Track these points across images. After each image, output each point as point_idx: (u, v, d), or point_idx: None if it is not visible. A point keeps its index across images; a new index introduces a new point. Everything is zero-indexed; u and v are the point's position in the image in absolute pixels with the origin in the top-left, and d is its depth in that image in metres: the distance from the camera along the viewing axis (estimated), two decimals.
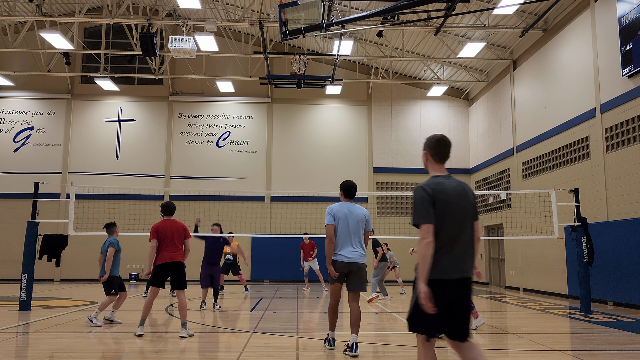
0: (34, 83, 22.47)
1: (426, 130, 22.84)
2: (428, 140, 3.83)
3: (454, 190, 3.65)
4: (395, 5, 9.25)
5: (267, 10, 18.36)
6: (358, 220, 6.47)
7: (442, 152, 3.79)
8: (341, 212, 6.45)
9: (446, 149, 3.79)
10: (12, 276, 19.79)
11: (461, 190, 3.69)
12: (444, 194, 3.60)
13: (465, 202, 3.67)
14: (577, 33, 14.39)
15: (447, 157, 3.81)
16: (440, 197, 3.58)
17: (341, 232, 6.36)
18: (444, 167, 3.81)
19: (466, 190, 3.72)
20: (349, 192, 6.68)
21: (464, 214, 3.64)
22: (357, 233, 6.41)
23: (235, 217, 19.89)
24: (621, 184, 12.37)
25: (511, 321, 10.08)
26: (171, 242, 7.77)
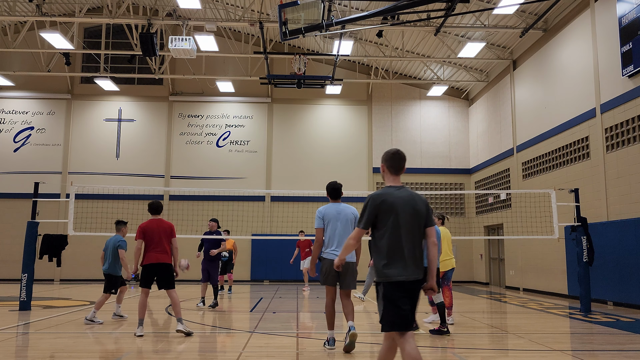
0: (34, 83, 22.47)
1: (426, 130, 22.85)
2: (385, 154, 4.24)
3: (403, 200, 4.02)
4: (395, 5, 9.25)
5: (267, 10, 18.36)
6: (347, 220, 6.61)
7: (396, 165, 4.18)
8: (330, 213, 6.60)
9: (400, 162, 4.19)
10: (12, 276, 19.79)
11: (411, 199, 4.04)
12: (391, 203, 3.99)
13: (413, 210, 4.02)
14: (577, 33, 14.40)
15: (401, 169, 4.19)
16: (385, 206, 3.99)
17: (332, 233, 6.53)
18: (398, 178, 4.20)
19: (416, 200, 4.06)
20: (334, 193, 6.77)
21: (412, 222, 4.00)
22: (348, 233, 6.49)
23: (235, 217, 19.89)
24: (621, 184, 12.37)
25: (511, 321, 10.08)
26: (158, 243, 7.67)
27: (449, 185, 22.60)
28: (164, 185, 21.94)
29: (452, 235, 9.56)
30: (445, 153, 22.78)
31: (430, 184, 22.47)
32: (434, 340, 7.42)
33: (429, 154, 22.73)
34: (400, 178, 4.20)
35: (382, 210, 3.99)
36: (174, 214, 21.03)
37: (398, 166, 4.19)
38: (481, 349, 6.94)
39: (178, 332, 7.52)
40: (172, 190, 21.29)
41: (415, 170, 22.51)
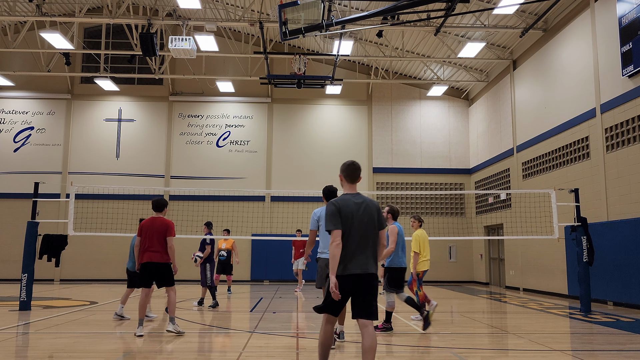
0: (34, 83, 22.47)
1: (426, 130, 22.85)
2: (342, 165, 4.76)
3: (358, 206, 4.58)
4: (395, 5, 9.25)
5: (267, 10, 18.36)
6: None
7: (352, 174, 4.75)
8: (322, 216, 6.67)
9: (355, 172, 4.76)
10: (12, 276, 19.79)
11: (365, 205, 4.61)
12: (348, 209, 4.55)
13: (367, 215, 4.58)
14: (577, 33, 14.40)
15: (356, 178, 4.76)
16: (345, 211, 4.53)
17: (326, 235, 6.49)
18: (354, 186, 4.77)
19: (369, 205, 4.63)
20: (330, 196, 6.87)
21: (366, 225, 4.56)
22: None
23: (235, 217, 19.87)
24: (621, 184, 12.37)
25: (511, 321, 10.08)
26: (150, 241, 7.63)
27: (449, 185, 22.60)
28: (164, 185, 21.94)
29: (452, 235, 9.65)
30: (445, 153, 22.78)
31: (430, 184, 22.47)
32: (434, 341, 7.43)
33: (429, 154, 22.73)
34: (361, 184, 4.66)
35: (343, 214, 4.52)
36: (174, 214, 21.00)
37: (353, 175, 4.75)
38: (481, 349, 6.94)
39: (168, 332, 7.55)
40: (172, 190, 21.30)
41: (415, 170, 22.51)
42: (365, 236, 4.55)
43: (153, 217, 7.87)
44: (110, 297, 14.14)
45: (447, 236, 20.76)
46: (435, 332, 8.16)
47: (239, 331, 8.38)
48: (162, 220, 7.80)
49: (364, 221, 4.56)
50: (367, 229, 4.57)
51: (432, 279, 21.49)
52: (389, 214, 8.63)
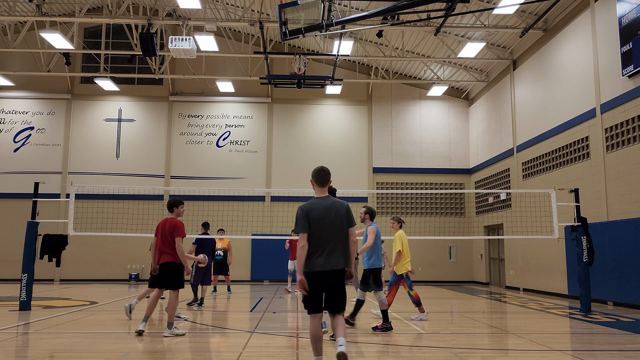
0: (34, 83, 22.47)
1: (426, 130, 22.85)
2: (313, 170, 5.26)
3: (326, 208, 5.03)
4: (395, 5, 9.25)
5: (267, 10, 18.36)
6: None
7: (321, 179, 5.20)
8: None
9: (325, 177, 5.21)
10: (12, 276, 19.79)
11: (333, 207, 5.06)
12: (317, 211, 5.00)
13: (335, 215, 5.03)
14: (577, 33, 14.40)
15: (325, 182, 5.20)
16: (313, 214, 4.98)
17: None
18: (324, 189, 5.21)
19: (337, 207, 5.09)
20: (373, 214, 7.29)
21: (334, 225, 5.01)
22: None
23: (235, 217, 19.87)
24: (621, 184, 12.37)
25: (511, 321, 10.08)
26: (161, 242, 7.74)
27: (449, 185, 22.60)
28: (164, 185, 21.94)
29: (452, 235, 9.71)
30: (445, 153, 22.78)
31: (430, 184, 22.47)
32: (434, 341, 7.43)
33: (429, 154, 22.73)
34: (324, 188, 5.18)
35: (312, 217, 4.97)
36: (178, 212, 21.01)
37: (323, 180, 5.20)
38: (481, 349, 6.94)
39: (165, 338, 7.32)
40: (172, 190, 21.30)
41: (415, 170, 22.52)
42: (336, 236, 4.99)
43: (166, 217, 7.98)
44: (110, 297, 14.14)
45: (447, 236, 20.77)
46: (435, 332, 8.17)
47: (239, 331, 8.38)
48: (172, 221, 7.85)
49: (334, 222, 5.00)
50: (337, 229, 5.01)
51: (432, 279, 21.50)
52: (366, 214, 8.73)
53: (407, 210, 22.35)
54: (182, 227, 7.82)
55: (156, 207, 20.64)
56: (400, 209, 22.39)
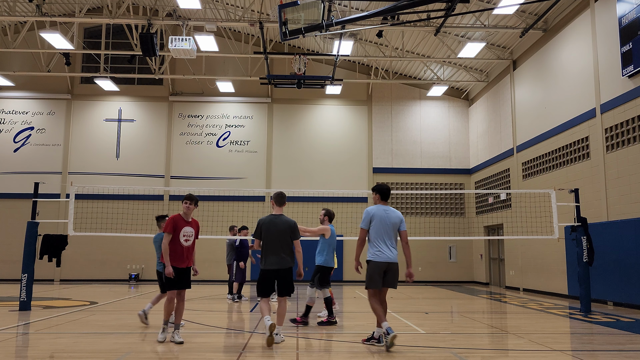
0: (34, 83, 22.47)
1: (426, 131, 22.85)
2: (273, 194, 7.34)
3: (275, 224, 7.05)
4: (395, 5, 9.24)
5: (267, 10, 18.36)
6: (394, 223, 6.83)
7: (279, 200, 7.32)
8: (379, 214, 6.79)
9: (281, 199, 7.32)
10: (12, 276, 19.79)
11: (281, 222, 7.07)
12: (268, 225, 7.05)
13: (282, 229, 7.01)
14: (577, 33, 14.40)
15: (282, 203, 7.31)
16: (265, 227, 7.05)
17: (379, 233, 6.73)
18: (280, 209, 7.26)
19: (285, 223, 7.08)
20: (384, 194, 7.00)
21: (280, 236, 6.99)
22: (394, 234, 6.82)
23: (235, 217, 19.85)
24: (621, 184, 12.38)
25: (511, 321, 10.08)
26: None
27: (449, 185, 22.60)
28: (164, 185, 21.94)
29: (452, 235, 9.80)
30: (445, 153, 22.78)
31: (430, 184, 22.47)
32: (434, 341, 7.43)
33: (429, 154, 22.73)
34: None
35: (264, 229, 7.03)
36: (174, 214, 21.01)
37: (279, 201, 7.29)
38: (481, 349, 6.94)
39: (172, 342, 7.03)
40: (172, 190, 21.31)
41: (415, 170, 22.52)
42: (280, 244, 6.95)
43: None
44: (111, 297, 14.14)
45: (447, 236, 20.77)
46: (435, 332, 8.17)
47: (239, 331, 8.38)
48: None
49: (280, 232, 6.96)
50: (282, 239, 6.96)
51: (432, 279, 21.50)
52: (325, 215, 9.41)
53: (407, 210, 22.35)
54: (169, 221, 7.33)
55: (156, 207, 20.62)
56: (400, 209, 22.39)
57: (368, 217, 6.79)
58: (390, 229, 6.76)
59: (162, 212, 20.97)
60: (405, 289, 17.38)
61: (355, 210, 20.19)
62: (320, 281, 8.95)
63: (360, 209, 21.00)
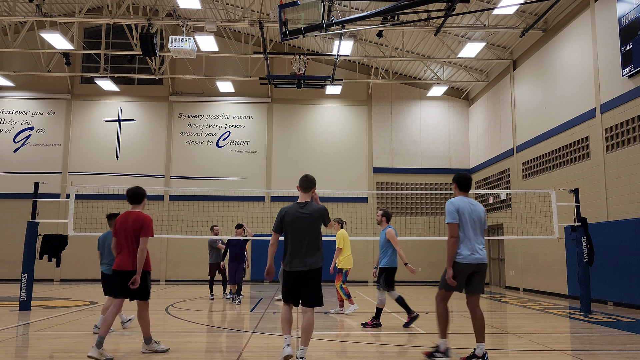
0: (34, 83, 22.47)
1: (426, 131, 22.85)
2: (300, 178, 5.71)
3: (301, 214, 5.53)
4: (395, 5, 9.25)
5: (267, 10, 18.36)
6: (480, 217, 5.81)
7: (304, 185, 5.67)
8: (464, 207, 5.74)
9: (307, 183, 5.66)
10: (12, 276, 19.79)
11: (309, 212, 5.54)
12: (291, 215, 5.53)
13: (310, 220, 5.52)
14: (577, 33, 14.40)
15: (308, 189, 5.66)
16: (287, 217, 5.54)
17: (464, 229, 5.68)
18: (305, 195, 5.66)
19: (311, 213, 5.55)
20: (462, 184, 5.95)
21: (308, 229, 5.51)
22: (481, 230, 5.81)
23: (235, 217, 19.86)
24: (621, 184, 12.37)
25: (511, 321, 10.08)
26: (122, 242, 6.20)
27: (449, 185, 22.59)
28: (164, 185, 21.94)
29: None
30: (446, 153, 22.78)
31: (431, 184, 22.47)
32: (434, 340, 7.43)
33: (429, 154, 22.73)
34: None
35: (285, 220, 5.55)
36: (174, 214, 21.03)
37: (305, 186, 5.65)
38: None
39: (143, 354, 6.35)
40: (172, 190, 21.31)
41: (415, 170, 22.52)
42: (308, 238, 5.49)
43: (128, 212, 6.36)
44: None
45: None
46: (435, 332, 8.16)
47: (239, 331, 8.38)
48: (138, 214, 6.28)
49: (308, 224, 5.50)
50: (311, 232, 5.50)
51: (432, 279, 21.49)
52: (383, 216, 9.21)
53: (407, 210, 22.35)
54: (151, 223, 6.30)
55: (156, 208, 20.64)
56: (400, 209, 22.39)
57: (454, 210, 5.67)
58: (478, 224, 5.74)
59: (162, 212, 21.01)
60: (405, 289, 17.35)
61: (355, 210, 20.19)
62: (387, 282, 8.72)
63: (360, 209, 21.00)
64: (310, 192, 5.65)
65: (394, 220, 21.63)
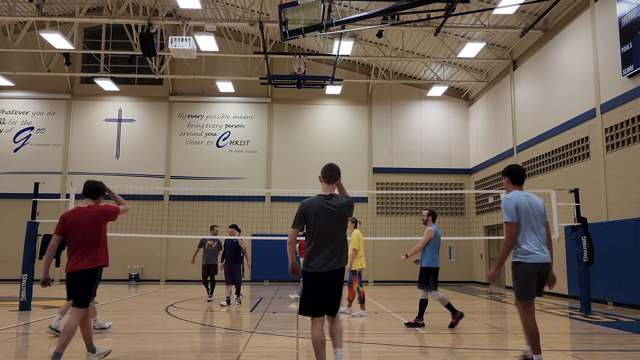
0: (34, 83, 22.47)
1: (426, 131, 22.86)
2: (322, 167, 5.05)
3: (327, 206, 4.80)
4: (395, 5, 9.25)
5: (267, 10, 18.36)
6: (541, 210, 5.30)
7: (328, 176, 5.00)
8: (522, 202, 5.22)
9: (332, 174, 4.99)
10: (12, 276, 19.80)
11: (331, 206, 4.80)
12: (314, 209, 4.79)
13: (333, 215, 4.77)
14: (577, 33, 14.40)
15: (333, 180, 4.98)
16: (309, 211, 4.80)
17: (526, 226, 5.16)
18: (330, 187, 4.96)
19: (340, 205, 4.84)
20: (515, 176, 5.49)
21: (331, 224, 4.76)
22: (541, 227, 5.26)
23: (235, 217, 19.86)
24: (621, 184, 12.37)
25: (511, 321, 10.07)
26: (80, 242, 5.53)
27: (449, 185, 22.60)
28: (164, 185, 21.94)
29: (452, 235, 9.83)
30: (445, 153, 22.78)
31: (431, 184, 22.47)
32: (434, 341, 7.43)
33: (429, 154, 22.73)
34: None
35: (307, 214, 4.80)
36: (174, 214, 21.05)
37: (329, 177, 4.99)
38: (481, 349, 6.94)
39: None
40: (172, 190, 21.30)
41: (415, 170, 22.51)
42: (334, 235, 4.75)
43: (81, 207, 5.83)
44: (111, 297, 14.14)
45: (447, 236, 20.75)
46: (435, 332, 8.17)
47: (239, 331, 8.38)
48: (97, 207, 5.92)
49: (334, 219, 4.77)
50: (337, 228, 4.77)
51: None
52: (429, 216, 9.05)
53: (407, 210, 22.35)
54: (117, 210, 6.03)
55: (156, 207, 20.65)
56: (400, 209, 22.39)
57: (512, 207, 5.16)
58: (539, 220, 5.20)
59: (162, 212, 21.03)
60: (406, 289, 17.37)
61: (355, 210, 20.12)
62: (434, 282, 8.71)
63: (360, 209, 21.00)
64: (335, 183, 4.96)
65: (394, 220, 21.67)
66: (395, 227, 20.85)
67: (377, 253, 21.65)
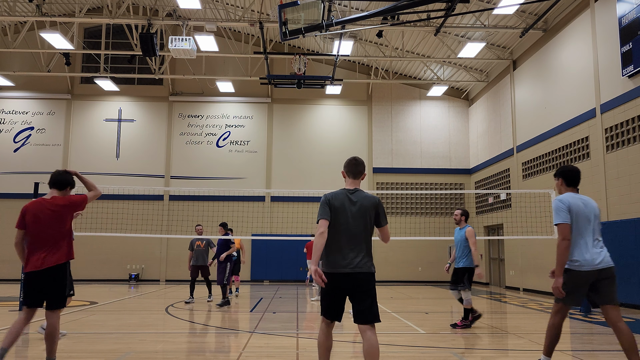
0: (34, 83, 22.47)
1: (426, 131, 22.86)
2: (346, 161, 4.57)
3: (351, 202, 4.37)
4: (395, 5, 9.25)
5: (267, 10, 18.36)
6: (596, 214, 4.93)
7: (353, 170, 4.52)
8: (576, 205, 4.85)
9: (357, 167, 4.53)
10: (12, 276, 19.79)
11: (360, 201, 4.37)
12: (338, 202, 4.35)
13: (360, 210, 4.34)
14: (577, 33, 14.40)
15: (359, 174, 4.53)
16: (334, 204, 4.35)
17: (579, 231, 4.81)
18: (355, 182, 4.51)
19: (366, 200, 4.38)
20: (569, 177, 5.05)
21: (354, 219, 4.32)
22: (597, 229, 4.89)
23: (235, 217, 19.88)
24: (621, 184, 12.38)
25: (511, 321, 10.08)
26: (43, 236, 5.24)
27: (449, 185, 22.60)
28: (164, 185, 21.94)
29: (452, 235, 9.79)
30: (446, 153, 22.78)
31: (431, 184, 22.47)
32: (434, 341, 7.43)
33: (429, 154, 22.73)
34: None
35: (332, 207, 4.35)
36: (174, 214, 21.05)
37: (355, 171, 4.52)
38: (481, 349, 6.94)
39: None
40: (172, 190, 21.28)
41: (415, 170, 22.52)
42: (358, 233, 4.30)
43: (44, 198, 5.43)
44: (111, 297, 14.14)
45: (447, 236, 20.74)
46: (435, 332, 8.17)
47: (239, 331, 8.38)
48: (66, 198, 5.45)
49: (359, 216, 4.32)
50: (362, 226, 4.31)
51: (432, 279, 21.49)
52: (462, 215, 9.12)
53: (407, 210, 22.35)
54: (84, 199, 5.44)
55: (156, 207, 20.65)
56: (400, 209, 22.39)
57: (565, 208, 4.77)
58: (596, 224, 4.85)
59: (162, 212, 21.03)
60: (406, 289, 17.36)
61: None
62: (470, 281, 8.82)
63: None
64: (361, 177, 4.52)
65: (394, 220, 21.66)
66: (395, 227, 20.83)
67: (377, 253, 21.61)
